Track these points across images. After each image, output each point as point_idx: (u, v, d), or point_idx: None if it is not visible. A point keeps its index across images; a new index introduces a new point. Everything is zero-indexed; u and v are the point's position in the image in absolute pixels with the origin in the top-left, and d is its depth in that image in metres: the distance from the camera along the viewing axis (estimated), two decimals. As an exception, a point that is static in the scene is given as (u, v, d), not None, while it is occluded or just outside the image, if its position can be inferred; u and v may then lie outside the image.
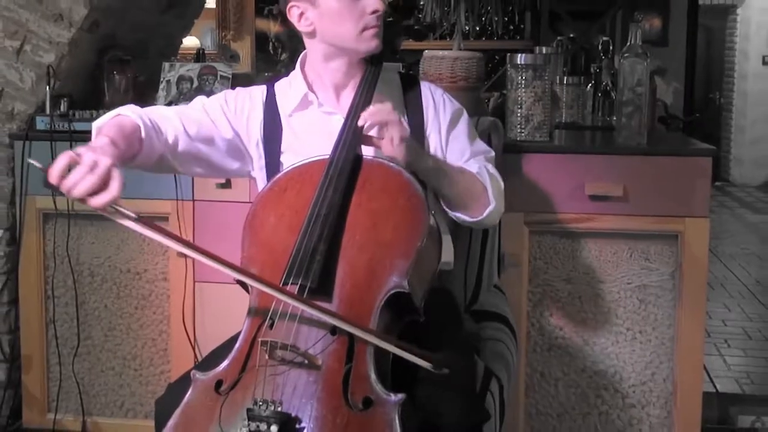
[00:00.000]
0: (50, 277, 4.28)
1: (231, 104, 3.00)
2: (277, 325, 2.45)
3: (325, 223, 2.54)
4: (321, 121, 2.94)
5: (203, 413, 2.38)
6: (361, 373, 2.35)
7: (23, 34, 4.23)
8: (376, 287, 2.50)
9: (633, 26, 4.00)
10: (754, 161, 14.57)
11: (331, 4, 2.81)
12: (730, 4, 14.74)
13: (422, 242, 2.56)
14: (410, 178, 2.67)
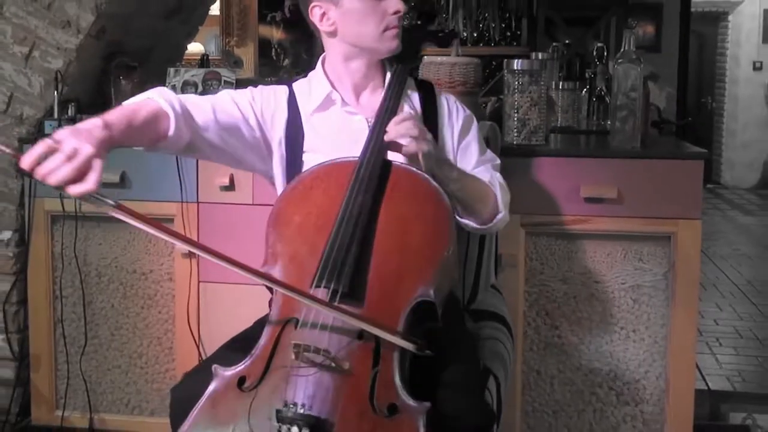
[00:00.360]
0: (58, 278, 4.28)
1: (258, 100, 2.97)
2: (305, 326, 2.44)
3: (356, 226, 2.53)
4: (343, 120, 2.94)
5: (226, 408, 2.37)
6: (387, 379, 2.34)
7: (32, 41, 4.23)
8: (403, 294, 2.50)
9: (627, 32, 4.01)
10: (745, 164, 14.58)
11: (354, 4, 2.82)
12: (722, 11, 14.74)
13: (448, 251, 2.56)
14: (437, 187, 2.67)
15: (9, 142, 4.27)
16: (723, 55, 15.02)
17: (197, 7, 5.21)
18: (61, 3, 4.19)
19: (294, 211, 2.69)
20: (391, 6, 2.81)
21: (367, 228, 2.55)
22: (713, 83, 15.22)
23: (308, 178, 2.75)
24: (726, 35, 14.91)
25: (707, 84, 15.25)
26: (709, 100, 15.18)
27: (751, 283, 7.37)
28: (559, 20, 9.28)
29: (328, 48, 3.01)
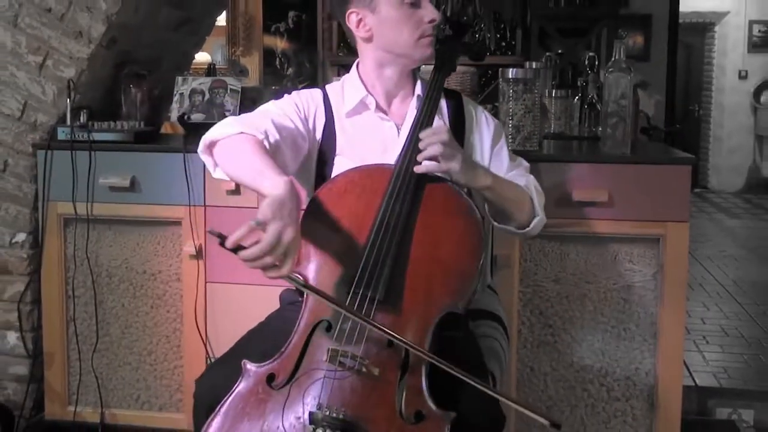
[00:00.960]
0: (71, 278, 4.28)
1: (302, 108, 2.96)
2: (336, 330, 2.43)
3: (393, 235, 2.52)
4: (374, 125, 2.94)
5: (254, 403, 2.37)
6: (415, 386, 2.35)
7: (45, 50, 4.23)
8: (433, 305, 2.49)
9: (617, 43, 4.00)
10: (731, 169, 14.59)
11: (390, 11, 2.82)
12: (709, 22, 14.75)
13: (477, 266, 2.55)
14: (470, 203, 2.67)
15: (23, 147, 4.28)
16: (710, 65, 15.03)
17: (204, 18, 5.21)
18: (74, 14, 4.19)
19: (329, 211, 2.64)
20: (426, 15, 2.81)
21: (402, 238, 2.54)
22: (700, 91, 15.23)
23: (342, 181, 2.73)
24: (712, 45, 14.92)
25: (694, 92, 15.26)
26: (696, 108, 15.18)
27: (737, 284, 7.38)
28: (552, 31, 9.28)
29: (362, 54, 3.01)
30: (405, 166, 2.66)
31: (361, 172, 2.73)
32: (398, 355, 2.39)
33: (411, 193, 2.61)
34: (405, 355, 2.39)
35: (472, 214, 2.64)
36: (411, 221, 2.58)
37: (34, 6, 4.20)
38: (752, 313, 6.41)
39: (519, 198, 2.89)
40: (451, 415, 2.29)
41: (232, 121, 2.71)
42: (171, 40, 4.91)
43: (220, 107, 4.37)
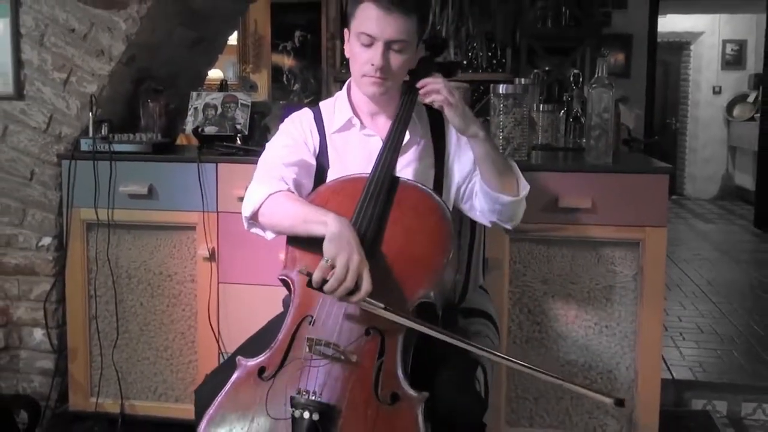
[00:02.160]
0: (93, 279, 4.28)
1: (299, 135, 2.98)
2: (318, 322, 2.47)
3: (366, 236, 2.55)
4: (360, 141, 2.94)
5: (246, 394, 2.40)
6: (390, 370, 2.37)
7: (69, 68, 4.23)
8: (407, 296, 2.52)
9: (600, 60, 4.00)
10: (706, 178, 14.60)
11: (353, 42, 2.81)
12: (685, 41, 14.75)
13: (447, 259, 2.57)
14: (440, 202, 2.71)
15: (49, 157, 4.29)
16: (686, 81, 15.02)
17: (217, 38, 5.21)
18: (96, 34, 4.19)
19: None
20: (372, 58, 2.75)
21: (375, 237, 2.57)
22: (677, 106, 15.22)
23: (325, 191, 2.77)
24: (688, 63, 14.91)
25: (672, 106, 15.25)
26: (673, 121, 15.18)
27: (711, 284, 7.38)
28: (539, 49, 9.28)
29: None
30: (378, 173, 2.68)
31: (341, 182, 2.78)
32: (374, 342, 2.42)
33: (384, 196, 2.64)
34: (381, 341, 2.42)
35: (442, 213, 2.67)
36: (384, 221, 2.62)
37: (59, 26, 4.21)
38: (725, 312, 6.41)
39: (505, 164, 2.89)
40: (425, 395, 2.31)
41: (257, 188, 2.78)
42: (186, 58, 4.91)
43: (232, 120, 4.37)
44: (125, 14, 4.16)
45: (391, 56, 2.76)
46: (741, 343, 5.63)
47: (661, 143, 13.35)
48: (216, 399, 2.41)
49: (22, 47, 4.27)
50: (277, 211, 2.68)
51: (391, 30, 2.72)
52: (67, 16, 4.20)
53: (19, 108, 4.31)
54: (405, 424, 2.26)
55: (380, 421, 2.28)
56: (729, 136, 14.41)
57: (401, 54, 2.76)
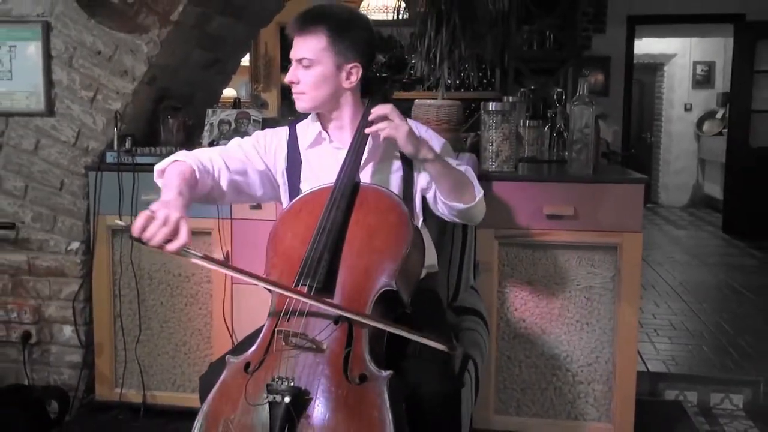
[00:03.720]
0: (117, 280, 4.28)
1: (261, 142, 3.03)
2: (292, 318, 2.50)
3: (329, 235, 2.59)
4: (331, 154, 2.95)
5: (235, 388, 2.41)
6: (358, 355, 2.39)
7: (96, 87, 4.23)
8: (370, 285, 2.54)
9: (581, 80, 4.01)
10: (677, 187, 14.59)
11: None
12: (659, 63, 14.75)
13: (407, 250, 2.60)
14: (398, 200, 2.74)
15: (77, 169, 4.29)
16: (659, 99, 15.01)
17: (231, 59, 5.21)
18: (120, 56, 4.19)
19: (286, 230, 2.76)
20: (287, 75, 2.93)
21: (339, 237, 2.62)
22: (652, 121, 15.21)
23: (298, 203, 2.82)
24: (662, 82, 14.91)
25: (647, 122, 15.24)
26: (648, 135, 15.18)
27: (683, 285, 7.37)
28: (526, 70, 9.29)
29: None
30: (341, 182, 2.72)
31: (311, 193, 2.82)
32: (343, 331, 2.44)
33: (346, 201, 2.68)
34: (348, 329, 2.44)
35: (399, 209, 2.69)
36: (347, 222, 2.66)
37: (86, 49, 4.21)
38: (696, 310, 6.40)
39: (459, 177, 2.90)
40: (389, 373, 2.33)
41: (180, 153, 2.86)
42: (202, 78, 4.91)
43: (244, 135, 4.36)
44: (147, 38, 4.16)
45: (302, 73, 2.87)
46: (710, 338, 5.63)
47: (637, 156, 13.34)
48: (209, 395, 2.43)
49: (53, 68, 4.28)
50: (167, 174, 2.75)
51: (297, 49, 2.87)
52: (94, 40, 4.21)
53: (50, 124, 4.31)
54: (372, 400, 2.28)
55: (350, 400, 2.30)
56: (699, 149, 14.41)
57: (309, 69, 2.85)
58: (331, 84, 2.87)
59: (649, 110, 15.35)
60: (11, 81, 4.31)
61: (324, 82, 2.86)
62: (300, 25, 2.84)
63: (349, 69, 2.87)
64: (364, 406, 2.29)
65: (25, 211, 4.39)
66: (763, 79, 10.27)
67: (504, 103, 4.18)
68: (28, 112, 4.32)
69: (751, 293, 7.08)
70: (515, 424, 4.02)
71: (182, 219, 2.41)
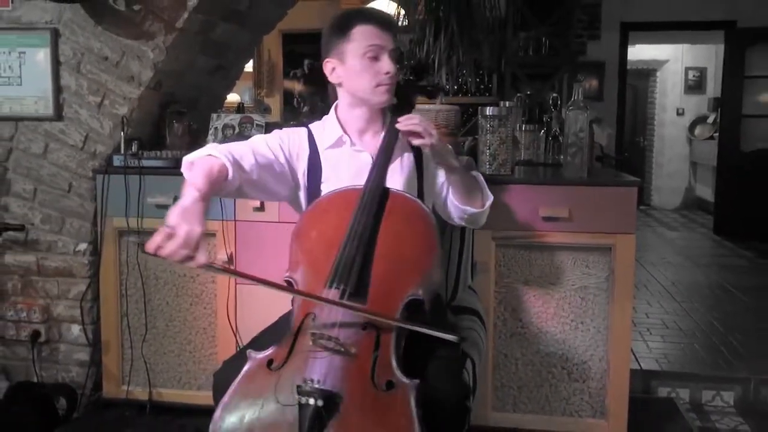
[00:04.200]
0: (124, 280, 4.28)
1: (286, 141, 2.99)
2: (320, 318, 2.49)
3: (361, 240, 2.57)
4: (351, 157, 2.94)
5: (257, 383, 2.39)
6: (385, 361, 2.38)
7: (103, 92, 4.24)
8: (399, 294, 2.53)
9: (576, 85, 4.01)
10: (670, 190, 14.59)
11: (355, 62, 2.85)
12: (652, 68, 14.75)
13: (435, 259, 2.59)
14: (426, 209, 2.74)
15: (85, 172, 4.29)
16: (652, 104, 15.01)
17: (235, 65, 5.21)
18: (127, 62, 4.19)
19: (312, 227, 2.73)
20: (383, 67, 2.83)
21: (369, 242, 2.59)
22: (645, 126, 15.21)
23: (324, 201, 2.79)
24: (655, 87, 14.91)
25: (640, 126, 15.24)
26: (641, 139, 15.18)
27: (675, 285, 7.37)
28: (522, 76, 9.28)
29: (339, 97, 3.02)
30: (371, 185, 2.71)
31: (337, 193, 2.79)
32: (371, 336, 2.43)
33: (376, 206, 2.66)
34: (377, 335, 2.43)
35: (428, 218, 2.69)
36: (376, 228, 2.63)
37: (93, 55, 4.22)
38: (687, 309, 6.40)
39: (473, 184, 2.98)
40: (416, 382, 2.30)
41: (209, 147, 2.77)
42: (207, 83, 4.91)
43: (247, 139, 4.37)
44: (153, 44, 4.17)
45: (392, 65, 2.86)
46: (701, 337, 5.63)
47: (630, 159, 13.34)
48: (229, 388, 2.41)
49: (61, 74, 4.28)
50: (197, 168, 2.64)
51: (390, 41, 2.87)
52: (101, 46, 4.21)
53: (59, 128, 4.31)
54: (400, 408, 2.26)
55: (377, 406, 2.28)
56: (691, 153, 14.42)
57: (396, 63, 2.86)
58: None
59: (642, 115, 15.35)
60: (21, 86, 4.32)
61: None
62: (384, 19, 2.91)
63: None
64: (392, 413, 2.28)
65: (34, 213, 4.40)
66: (753, 84, 10.28)
67: (501, 107, 4.18)
68: (37, 117, 4.33)
69: (741, 293, 7.07)
70: (512, 420, 4.02)
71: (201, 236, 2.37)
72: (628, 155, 12.45)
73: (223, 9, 4.41)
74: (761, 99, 10.31)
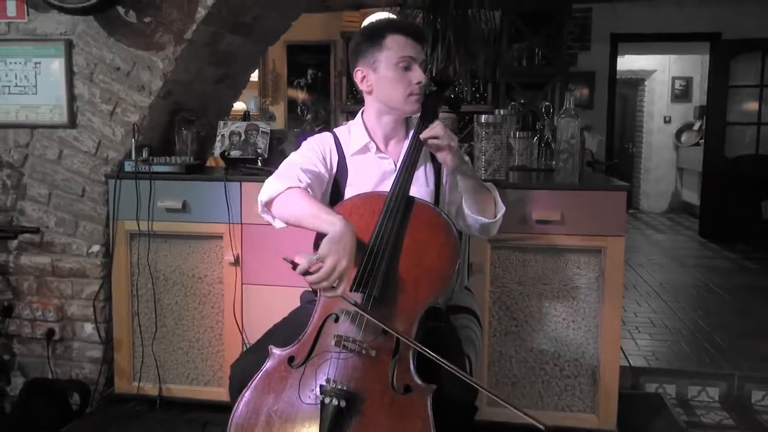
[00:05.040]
0: (135, 281, 4.28)
1: (319, 150, 3.01)
2: (342, 321, 2.50)
3: (386, 246, 2.57)
4: (376, 163, 2.96)
5: (278, 380, 2.42)
6: (404, 366, 2.39)
7: (115, 101, 4.24)
8: (419, 301, 2.53)
9: (567, 94, 4.01)
10: (657, 194, 14.59)
11: (387, 72, 2.86)
12: (640, 78, 14.75)
13: (454, 270, 2.59)
14: (448, 220, 2.72)
15: (98, 177, 4.30)
16: (641, 112, 15.02)
17: (241, 75, 5.21)
18: (137, 72, 4.20)
19: None
20: (415, 77, 2.85)
21: (394, 248, 2.59)
22: (633, 133, 15.21)
23: (348, 205, 2.78)
24: (643, 96, 14.91)
25: (629, 133, 15.25)
26: (630, 146, 15.19)
27: (662, 285, 7.37)
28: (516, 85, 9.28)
29: (367, 104, 3.03)
30: (397, 192, 2.70)
31: (362, 198, 2.78)
32: (391, 341, 2.43)
33: (401, 213, 2.65)
34: (396, 340, 2.43)
35: (450, 229, 2.68)
36: (401, 235, 2.63)
37: (106, 65, 4.22)
38: (674, 309, 6.40)
39: (486, 194, 2.96)
40: (432, 387, 2.32)
41: (275, 180, 2.75)
42: (214, 92, 4.92)
43: (254, 145, 4.37)
44: (162, 55, 4.17)
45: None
46: (687, 335, 5.63)
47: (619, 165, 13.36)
48: (251, 383, 2.42)
49: (75, 83, 4.28)
50: (290, 203, 2.66)
51: (421, 51, 2.88)
52: (113, 57, 4.21)
53: (73, 135, 4.32)
54: (416, 411, 2.28)
55: (395, 409, 2.30)
56: (677, 158, 14.43)
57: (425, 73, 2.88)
58: None
59: (631, 122, 15.36)
60: (36, 95, 4.32)
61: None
62: (416, 30, 2.91)
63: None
64: (409, 416, 2.30)
65: (49, 216, 4.40)
66: (737, 93, 10.30)
67: (496, 115, 4.18)
68: (51, 125, 4.33)
69: (725, 293, 7.08)
70: (506, 415, 4.00)
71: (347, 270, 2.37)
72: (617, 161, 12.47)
73: (230, 21, 4.41)
74: (745, 107, 10.33)
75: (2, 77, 4.35)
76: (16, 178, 4.41)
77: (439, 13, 4.19)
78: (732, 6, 10.13)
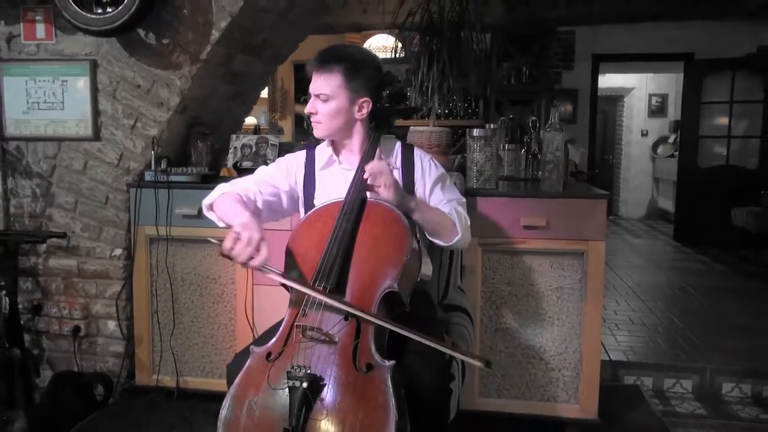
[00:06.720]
0: (154, 282, 4.28)
1: (283, 166, 3.08)
2: (308, 313, 2.53)
3: (341, 244, 2.62)
4: (341, 174, 2.97)
5: (258, 375, 2.44)
6: (365, 346, 2.42)
7: (136, 116, 4.24)
8: (375, 287, 2.56)
9: (553, 110, 4.02)
10: (635, 202, 14.60)
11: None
12: (619, 95, 14.77)
13: (407, 257, 2.61)
14: (400, 214, 2.72)
15: (120, 186, 4.31)
16: (620, 126, 15.03)
17: (252, 92, 5.22)
18: (157, 89, 4.20)
19: (303, 236, 2.76)
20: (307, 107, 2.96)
21: (349, 244, 2.64)
22: (613, 145, 15.22)
23: (313, 214, 2.83)
24: (622, 111, 14.92)
25: (609, 146, 15.26)
26: (610, 157, 15.20)
27: (640, 285, 7.37)
28: (505, 101, 9.31)
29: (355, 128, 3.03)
30: (351, 197, 2.75)
31: (325, 206, 2.83)
32: (352, 326, 2.47)
33: (355, 214, 2.70)
34: (357, 325, 2.47)
35: (401, 220, 2.70)
36: (355, 233, 2.68)
37: (127, 83, 4.23)
38: (651, 307, 6.40)
39: (442, 221, 2.90)
40: (392, 363, 2.35)
41: (220, 187, 2.96)
42: (227, 108, 4.92)
43: (263, 157, 4.38)
44: (180, 74, 4.17)
45: (320, 105, 2.89)
46: (663, 331, 5.63)
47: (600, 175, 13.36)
48: (235, 380, 2.46)
49: (99, 99, 4.29)
50: (220, 204, 2.86)
51: (316, 85, 2.89)
52: (134, 75, 4.22)
53: (97, 147, 4.32)
54: (377, 387, 2.30)
55: (359, 386, 2.32)
56: (654, 169, 14.44)
57: (326, 103, 2.87)
58: (344, 116, 2.90)
59: (611, 135, 15.36)
60: (63, 111, 4.33)
61: (338, 114, 2.89)
62: (319, 63, 2.87)
63: (360, 103, 2.89)
64: (371, 391, 2.31)
65: (75, 222, 4.40)
66: (708, 109, 10.32)
67: (486, 129, 4.18)
68: (77, 138, 4.33)
69: (698, 293, 7.08)
70: (497, 405, 4.02)
71: (263, 239, 2.48)
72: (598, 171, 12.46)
73: (242, 43, 4.42)
74: (716, 122, 10.36)
75: (32, 94, 4.36)
76: (45, 187, 4.41)
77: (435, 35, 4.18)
78: (704, 28, 10.17)
